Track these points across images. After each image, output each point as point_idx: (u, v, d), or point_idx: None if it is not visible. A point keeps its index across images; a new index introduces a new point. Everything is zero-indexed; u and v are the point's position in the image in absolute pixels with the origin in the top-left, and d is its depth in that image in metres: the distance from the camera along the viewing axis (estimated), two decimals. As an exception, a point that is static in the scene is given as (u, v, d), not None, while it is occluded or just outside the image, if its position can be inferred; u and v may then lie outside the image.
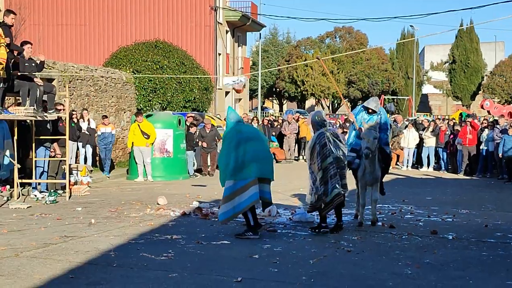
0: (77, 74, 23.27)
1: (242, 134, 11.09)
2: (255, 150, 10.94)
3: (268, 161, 11.21)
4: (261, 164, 10.94)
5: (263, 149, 11.18)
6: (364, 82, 67.24)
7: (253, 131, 11.55)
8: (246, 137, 11.04)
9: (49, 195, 15.58)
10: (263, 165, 10.97)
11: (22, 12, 31.46)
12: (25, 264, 8.78)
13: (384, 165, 12.70)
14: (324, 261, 9.27)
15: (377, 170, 12.34)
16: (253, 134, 11.30)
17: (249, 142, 10.98)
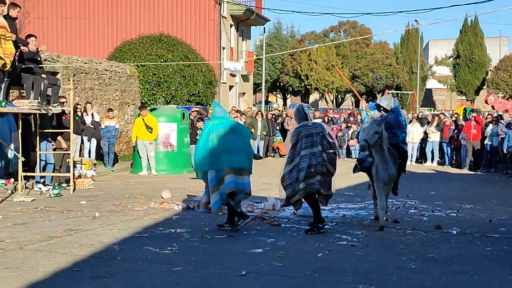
0: (81, 68, 23.27)
1: (218, 126, 11.23)
2: (228, 142, 11.04)
3: (241, 152, 11.13)
4: (234, 155, 10.99)
5: (237, 141, 11.16)
6: (368, 77, 67.14)
7: (230, 124, 11.48)
8: (222, 130, 11.17)
9: (53, 188, 15.59)
10: (235, 156, 11.00)
11: (27, 5, 31.39)
12: (29, 257, 8.79)
13: (400, 162, 12.20)
14: (328, 255, 9.26)
15: (392, 168, 11.70)
16: (229, 127, 11.31)
17: (224, 134, 11.11)
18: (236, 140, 11.18)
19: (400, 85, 68.17)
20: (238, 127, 11.67)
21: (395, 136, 12.10)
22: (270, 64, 71.52)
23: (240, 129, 11.55)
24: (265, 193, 15.50)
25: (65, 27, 41.37)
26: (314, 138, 11.08)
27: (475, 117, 25.46)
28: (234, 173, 10.96)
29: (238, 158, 11.05)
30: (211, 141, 11.09)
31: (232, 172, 10.95)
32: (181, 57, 31.15)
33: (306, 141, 11.06)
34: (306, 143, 11.04)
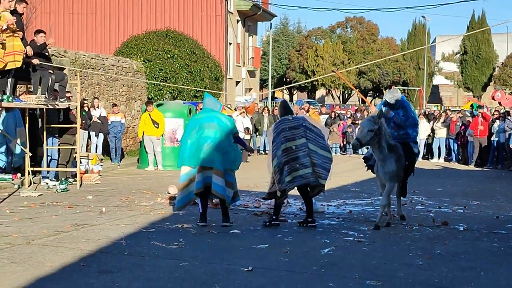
0: (88, 63, 23.29)
1: (199, 121, 11.12)
2: (202, 139, 10.86)
3: (214, 150, 10.79)
4: (206, 153, 10.77)
5: (213, 138, 10.86)
6: (375, 73, 67.02)
7: (211, 120, 11.07)
8: (202, 125, 11.00)
9: (60, 183, 15.61)
10: (207, 154, 10.76)
11: (34, 0, 31.46)
12: (36, 251, 8.80)
13: (408, 163, 11.61)
14: (335, 251, 9.27)
15: (390, 165, 11.20)
16: (209, 123, 11.01)
17: (202, 130, 10.93)
18: (213, 137, 10.87)
19: (407, 81, 68.03)
20: (220, 123, 11.10)
21: (407, 134, 11.72)
22: (277, 60, 71.45)
23: (221, 125, 11.06)
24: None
25: (72, 22, 41.38)
26: (295, 131, 11.04)
27: (482, 113, 25.42)
28: (203, 172, 10.74)
29: (209, 157, 10.75)
30: (190, 136, 11.01)
31: (201, 171, 10.75)
32: (188, 53, 31.16)
33: (285, 134, 11.02)
34: (285, 137, 11.01)
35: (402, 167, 11.46)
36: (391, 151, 11.21)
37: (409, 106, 11.95)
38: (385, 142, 11.12)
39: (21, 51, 14.20)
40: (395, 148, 11.29)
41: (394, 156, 11.24)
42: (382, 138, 11.06)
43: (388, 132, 11.27)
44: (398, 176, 11.48)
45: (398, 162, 11.31)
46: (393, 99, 11.71)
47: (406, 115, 11.71)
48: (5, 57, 13.94)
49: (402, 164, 11.44)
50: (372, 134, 10.95)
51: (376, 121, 11.04)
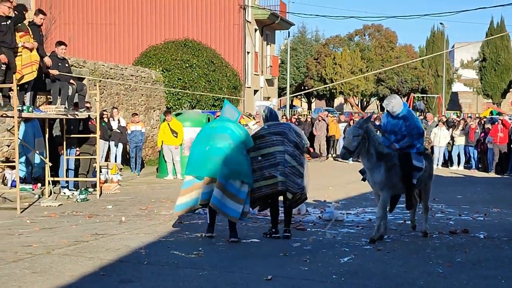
0: (107, 73, 23.42)
1: (212, 130, 10.80)
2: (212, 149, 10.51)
3: (220, 162, 10.39)
4: (213, 164, 10.43)
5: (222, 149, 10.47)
6: (393, 80, 66.86)
7: (225, 130, 10.69)
8: (214, 135, 10.66)
9: (79, 193, 15.70)
10: (214, 165, 10.42)
11: (53, 11, 31.71)
12: (56, 261, 8.85)
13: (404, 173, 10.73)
14: (354, 260, 9.24)
15: (377, 175, 10.59)
16: (222, 133, 10.65)
17: (213, 140, 10.59)
18: (223, 148, 10.49)
19: (425, 88, 67.80)
20: (233, 134, 10.69)
21: (411, 145, 10.86)
22: (295, 68, 71.47)
23: (234, 137, 10.66)
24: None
25: (91, 33, 41.65)
26: (274, 137, 10.77)
27: (502, 120, 25.28)
28: (211, 184, 10.40)
29: (216, 168, 10.41)
30: (200, 145, 10.73)
31: (209, 183, 10.43)
32: (206, 62, 31.25)
33: (262, 141, 10.82)
34: (261, 143, 10.80)
35: (396, 177, 10.70)
36: (380, 160, 10.60)
37: (411, 114, 11.08)
38: (374, 149, 10.58)
39: (37, 61, 14.30)
40: (387, 157, 10.67)
41: (385, 165, 10.59)
42: (370, 144, 10.54)
43: (378, 139, 10.76)
44: (392, 186, 10.75)
45: (389, 172, 10.62)
46: (389, 105, 10.94)
47: (408, 125, 10.87)
48: (23, 69, 14.06)
49: (397, 174, 10.69)
50: (358, 140, 10.47)
51: (361, 126, 10.56)
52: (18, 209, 13.47)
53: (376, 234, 10.67)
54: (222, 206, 10.32)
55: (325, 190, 17.86)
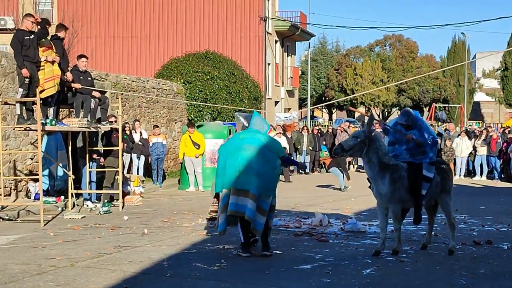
0: (129, 86, 23.57)
1: (241, 142, 10.59)
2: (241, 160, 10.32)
3: (251, 173, 10.23)
4: (241, 176, 10.22)
5: (251, 161, 10.30)
6: (415, 90, 66.64)
7: (254, 142, 10.55)
8: (242, 146, 10.48)
9: (102, 205, 15.79)
10: (242, 177, 10.21)
11: (75, 25, 31.93)
12: (80, 274, 8.90)
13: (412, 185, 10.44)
14: (377, 271, 9.21)
15: (382, 187, 10.40)
16: (251, 144, 10.49)
17: (242, 151, 10.42)
18: (252, 160, 10.32)
19: (447, 98, 67.48)
20: (262, 145, 10.54)
21: (423, 153, 10.58)
22: (316, 79, 71.46)
23: (263, 149, 10.51)
24: (312, 209, 15.50)
25: (113, 46, 41.93)
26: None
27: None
28: (238, 196, 10.23)
29: (244, 179, 10.21)
30: (229, 157, 10.51)
31: (236, 194, 10.20)
32: (227, 74, 31.33)
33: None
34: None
35: (403, 190, 10.43)
36: (384, 170, 10.38)
37: (425, 125, 10.89)
38: (377, 158, 10.37)
39: (58, 75, 14.44)
40: (393, 168, 10.43)
41: (390, 176, 10.36)
42: (371, 151, 10.36)
43: (383, 149, 10.50)
44: (400, 199, 10.49)
45: (394, 184, 10.37)
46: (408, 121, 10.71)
47: (422, 133, 10.64)
48: (45, 83, 14.19)
49: (404, 187, 10.42)
50: (355, 141, 10.36)
51: (365, 131, 10.48)
52: (42, 222, 13.57)
53: (399, 245, 10.57)
54: (254, 219, 10.13)
55: (347, 201, 17.83)
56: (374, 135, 10.52)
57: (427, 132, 10.72)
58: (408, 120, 10.71)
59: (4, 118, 16.12)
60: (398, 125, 10.91)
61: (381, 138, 10.85)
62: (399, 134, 10.77)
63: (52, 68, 14.30)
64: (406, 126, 10.73)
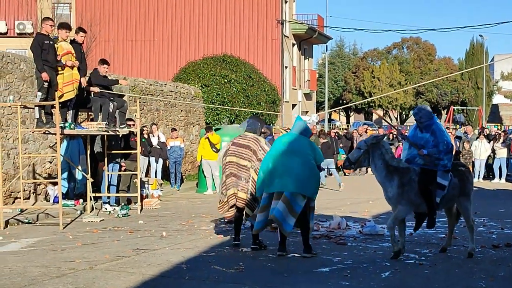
0: (147, 89, 23.65)
1: (283, 146, 10.61)
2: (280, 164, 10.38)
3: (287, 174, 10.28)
4: (281, 178, 10.29)
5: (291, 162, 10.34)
6: (433, 93, 66.41)
7: (298, 145, 10.59)
8: (287, 149, 10.50)
9: (121, 208, 15.86)
10: (281, 179, 10.28)
11: (93, 29, 32.10)
12: (99, 276, 8.94)
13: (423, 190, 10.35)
14: (396, 274, 9.19)
15: (390, 190, 10.44)
16: (296, 148, 10.52)
17: (281, 155, 10.46)
18: (291, 162, 10.35)
19: (465, 101, 67.21)
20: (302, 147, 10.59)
21: (438, 160, 10.37)
22: (333, 82, 71.38)
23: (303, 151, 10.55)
24: (330, 212, 15.46)
25: (131, 50, 42.12)
26: (242, 149, 11.20)
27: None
28: (276, 199, 10.31)
29: (282, 182, 10.29)
30: (270, 160, 10.56)
31: (277, 198, 10.30)
32: (244, 77, 31.38)
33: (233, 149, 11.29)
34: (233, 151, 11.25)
35: (413, 193, 10.38)
36: (393, 174, 10.42)
37: (439, 129, 10.58)
38: (383, 163, 10.47)
39: (77, 79, 14.53)
40: (402, 171, 10.45)
41: (398, 180, 10.38)
42: (376, 158, 10.50)
43: (389, 153, 10.59)
44: (410, 202, 10.43)
45: (403, 187, 10.37)
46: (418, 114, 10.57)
47: (436, 140, 10.39)
48: (64, 87, 14.28)
49: (413, 190, 10.37)
50: (359, 152, 10.58)
51: (367, 141, 10.67)
52: (61, 225, 13.65)
53: (394, 247, 10.44)
54: (282, 220, 10.21)
55: (365, 204, 17.78)
56: (377, 142, 10.59)
57: (441, 138, 10.44)
58: (417, 116, 10.58)
59: (23, 121, 16.26)
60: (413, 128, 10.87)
61: (386, 143, 10.85)
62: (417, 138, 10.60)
63: (71, 73, 14.40)
64: (419, 123, 10.61)
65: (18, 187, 15.83)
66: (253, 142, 11.23)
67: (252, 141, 11.24)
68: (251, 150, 11.14)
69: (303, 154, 10.47)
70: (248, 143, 11.21)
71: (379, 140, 10.65)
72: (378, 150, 10.52)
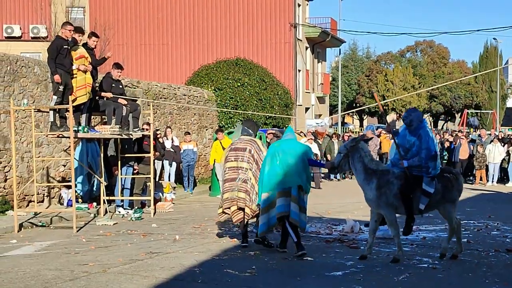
0: (160, 93, 23.70)
1: (277, 148, 11.17)
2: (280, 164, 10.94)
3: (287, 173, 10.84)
4: (282, 177, 10.85)
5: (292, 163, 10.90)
6: (446, 96, 66.20)
7: (291, 146, 11.19)
8: (281, 151, 11.05)
9: (134, 212, 15.89)
10: (283, 178, 10.84)
11: (107, 33, 32.25)
12: (112, 279, 8.97)
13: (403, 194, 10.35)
14: (409, 279, 9.17)
15: (368, 192, 10.55)
16: (289, 148, 11.08)
17: (281, 156, 10.99)
18: (288, 162, 10.92)
19: (479, 104, 66.96)
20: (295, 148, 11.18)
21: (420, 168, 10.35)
22: (346, 85, 71.29)
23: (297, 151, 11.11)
24: (343, 215, 15.44)
25: (144, 53, 42.21)
26: (240, 153, 11.60)
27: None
28: (285, 196, 10.78)
29: (284, 180, 10.85)
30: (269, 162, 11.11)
31: (282, 196, 10.79)
32: (258, 80, 31.39)
33: (231, 154, 11.70)
34: (231, 156, 11.68)
35: (392, 196, 10.38)
36: (371, 176, 10.48)
37: (425, 134, 10.45)
38: (362, 165, 10.58)
39: (90, 83, 14.59)
40: (380, 173, 10.51)
41: (376, 182, 10.42)
42: (356, 161, 10.62)
43: (368, 156, 10.64)
44: (391, 205, 10.43)
45: (381, 189, 10.41)
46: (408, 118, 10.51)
47: (420, 145, 10.37)
48: (77, 91, 14.34)
49: (391, 191, 10.38)
50: (340, 156, 10.83)
51: (346, 145, 10.88)
52: (74, 228, 13.70)
53: (399, 253, 10.45)
54: (298, 218, 10.76)
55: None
56: (356, 145, 10.71)
57: (425, 145, 10.34)
58: (407, 119, 10.56)
59: (37, 125, 16.33)
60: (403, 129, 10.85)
61: (365, 146, 10.90)
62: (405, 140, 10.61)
63: (84, 77, 14.47)
64: (408, 126, 10.58)
65: (32, 191, 15.90)
66: (250, 144, 11.76)
67: (249, 143, 11.77)
68: (249, 151, 11.65)
69: (296, 153, 11.03)
70: (245, 146, 11.73)
71: (357, 143, 10.77)
72: (357, 153, 10.67)
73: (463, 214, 16.62)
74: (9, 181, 15.71)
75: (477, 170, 26.93)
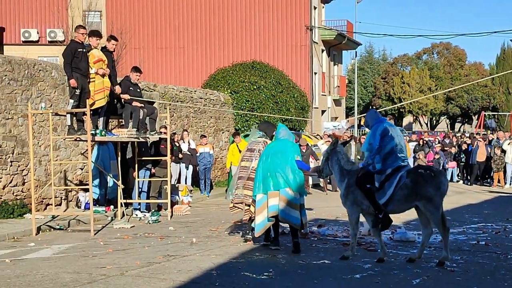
0: (177, 96, 23.75)
1: (270, 149, 11.63)
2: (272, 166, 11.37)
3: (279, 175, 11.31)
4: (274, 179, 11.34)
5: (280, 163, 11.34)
6: (463, 98, 65.92)
7: (281, 146, 11.62)
8: (272, 152, 11.51)
9: (151, 215, 15.92)
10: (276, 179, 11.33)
11: (124, 37, 32.27)
12: (130, 282, 8.98)
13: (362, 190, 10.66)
14: (427, 282, 9.12)
15: (341, 191, 11.00)
16: (279, 149, 11.54)
17: (271, 157, 11.44)
18: (280, 163, 11.36)
19: (496, 106, 66.62)
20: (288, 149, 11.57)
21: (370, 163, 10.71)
22: (362, 88, 71.15)
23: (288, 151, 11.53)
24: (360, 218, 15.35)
25: (161, 57, 42.32)
26: (252, 153, 12.13)
27: None
28: (275, 196, 11.32)
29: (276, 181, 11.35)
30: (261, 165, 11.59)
31: (273, 196, 11.33)
32: (274, 83, 31.38)
33: (245, 155, 12.28)
34: (245, 156, 12.30)
35: (358, 193, 10.67)
36: (344, 176, 10.93)
37: (372, 132, 10.67)
38: (338, 167, 11.08)
39: (108, 87, 14.65)
40: (350, 173, 10.88)
41: (347, 181, 10.86)
42: (334, 163, 11.11)
43: (344, 158, 11.08)
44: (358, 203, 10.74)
45: (349, 188, 10.82)
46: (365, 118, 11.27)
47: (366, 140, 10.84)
48: (95, 95, 14.41)
49: (358, 190, 10.68)
50: (322, 161, 11.46)
51: (327, 149, 11.42)
52: (92, 231, 13.75)
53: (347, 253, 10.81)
54: (288, 216, 11.29)
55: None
56: (333, 148, 11.20)
57: (365, 142, 10.87)
58: (365, 122, 11.33)
59: (55, 128, 16.42)
60: None
61: (342, 149, 11.29)
62: None
63: (103, 80, 14.53)
64: (366, 126, 11.35)
65: (49, 194, 15.98)
66: (261, 144, 12.26)
67: (261, 145, 12.24)
68: (258, 151, 12.09)
69: (289, 154, 11.47)
70: (256, 147, 12.27)
71: (335, 147, 11.24)
72: (335, 156, 11.15)
73: (481, 216, 16.54)
74: (27, 184, 15.79)
75: (494, 172, 26.80)
